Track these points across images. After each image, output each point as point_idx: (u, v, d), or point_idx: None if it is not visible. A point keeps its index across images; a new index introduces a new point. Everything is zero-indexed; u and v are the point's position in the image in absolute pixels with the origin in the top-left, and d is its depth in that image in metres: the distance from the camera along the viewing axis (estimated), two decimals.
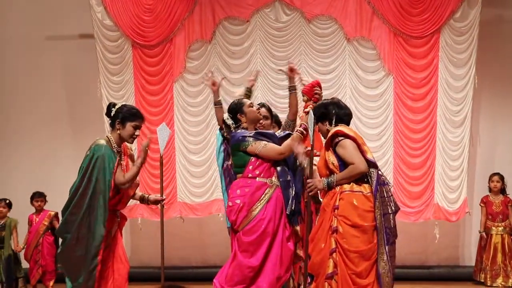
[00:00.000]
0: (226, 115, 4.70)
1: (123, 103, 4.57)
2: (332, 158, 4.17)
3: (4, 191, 7.60)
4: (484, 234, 7.21)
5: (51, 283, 6.95)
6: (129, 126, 4.37)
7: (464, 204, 7.27)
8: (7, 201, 7.09)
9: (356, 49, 7.41)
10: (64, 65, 8.18)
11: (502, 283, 7.07)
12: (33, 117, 8.20)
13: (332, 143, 4.19)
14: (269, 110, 5.05)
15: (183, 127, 7.60)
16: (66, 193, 4.36)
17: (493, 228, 7.21)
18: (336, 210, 4.08)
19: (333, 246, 4.04)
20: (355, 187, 4.10)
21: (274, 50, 7.48)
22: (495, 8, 7.61)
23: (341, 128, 4.21)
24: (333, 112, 4.30)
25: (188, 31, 7.51)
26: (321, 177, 4.28)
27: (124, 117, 4.36)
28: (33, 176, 8.00)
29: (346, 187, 4.11)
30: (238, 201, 4.42)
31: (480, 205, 7.34)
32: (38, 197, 7.06)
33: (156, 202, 4.81)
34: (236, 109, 4.64)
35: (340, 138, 4.14)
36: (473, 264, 7.42)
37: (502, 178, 7.28)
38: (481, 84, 7.36)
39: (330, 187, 4.16)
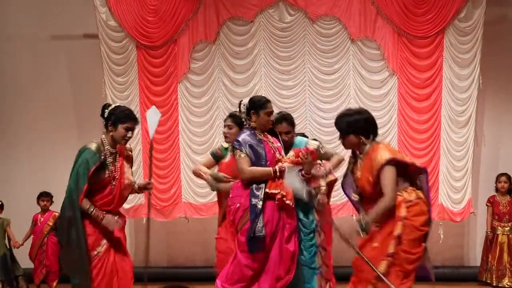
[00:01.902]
0: (245, 100, 4.67)
1: (117, 104, 4.59)
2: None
3: (7, 191, 7.65)
4: (490, 234, 7.20)
5: (55, 283, 6.98)
6: (120, 128, 4.38)
7: (468, 205, 7.25)
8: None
9: (360, 49, 7.41)
10: (68, 65, 8.20)
11: (508, 283, 7.05)
12: (37, 117, 8.22)
13: (381, 168, 4.00)
14: (291, 123, 4.92)
15: (187, 128, 7.62)
16: None
17: (499, 228, 7.18)
18: (403, 219, 3.99)
19: (392, 250, 3.97)
20: (420, 194, 4.07)
21: (278, 50, 7.49)
22: (499, 8, 7.58)
23: (392, 154, 4.02)
24: (370, 128, 4.16)
25: (192, 31, 7.52)
26: (365, 193, 4.15)
27: (116, 118, 4.38)
28: (36, 177, 8.02)
29: (411, 196, 4.04)
30: (235, 201, 4.51)
31: (486, 204, 7.31)
32: (44, 197, 7.11)
33: (144, 188, 4.71)
34: (254, 106, 4.59)
35: (387, 165, 4.00)
36: (478, 264, 7.40)
37: (509, 178, 7.25)
38: (486, 84, 7.33)
39: (365, 230, 4.02)
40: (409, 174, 4.15)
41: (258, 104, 4.59)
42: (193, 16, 7.50)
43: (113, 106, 4.49)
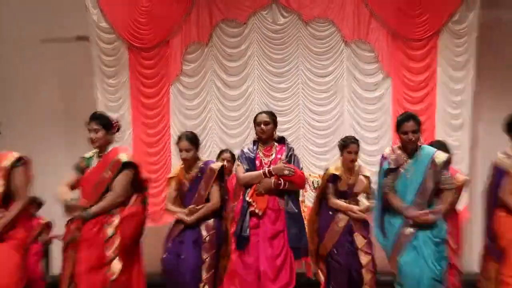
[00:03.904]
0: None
1: None
2: None
3: None
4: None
5: None
6: None
7: (464, 210, 7.17)
8: None
9: (354, 52, 7.38)
10: (59, 67, 8.12)
11: None
12: (27, 120, 8.11)
13: None
14: (418, 123, 4.64)
15: (179, 130, 7.46)
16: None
17: None
18: None
19: None
20: None
21: (271, 52, 7.46)
22: (493, 10, 7.55)
23: None
24: None
25: (185, 33, 7.49)
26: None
27: None
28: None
29: None
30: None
31: None
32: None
33: None
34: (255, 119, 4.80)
35: None
36: (474, 270, 7.30)
37: None
38: (481, 86, 7.29)
39: None
40: None
41: (254, 118, 4.79)
42: (185, 17, 7.47)
43: None
